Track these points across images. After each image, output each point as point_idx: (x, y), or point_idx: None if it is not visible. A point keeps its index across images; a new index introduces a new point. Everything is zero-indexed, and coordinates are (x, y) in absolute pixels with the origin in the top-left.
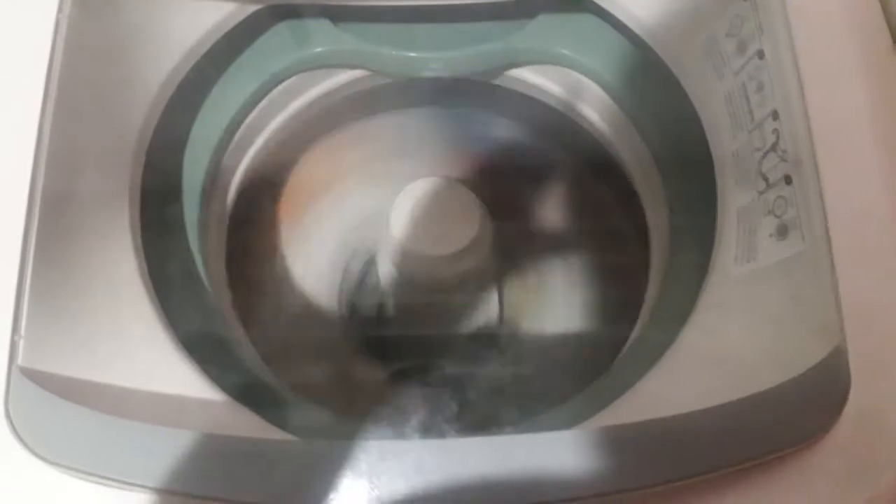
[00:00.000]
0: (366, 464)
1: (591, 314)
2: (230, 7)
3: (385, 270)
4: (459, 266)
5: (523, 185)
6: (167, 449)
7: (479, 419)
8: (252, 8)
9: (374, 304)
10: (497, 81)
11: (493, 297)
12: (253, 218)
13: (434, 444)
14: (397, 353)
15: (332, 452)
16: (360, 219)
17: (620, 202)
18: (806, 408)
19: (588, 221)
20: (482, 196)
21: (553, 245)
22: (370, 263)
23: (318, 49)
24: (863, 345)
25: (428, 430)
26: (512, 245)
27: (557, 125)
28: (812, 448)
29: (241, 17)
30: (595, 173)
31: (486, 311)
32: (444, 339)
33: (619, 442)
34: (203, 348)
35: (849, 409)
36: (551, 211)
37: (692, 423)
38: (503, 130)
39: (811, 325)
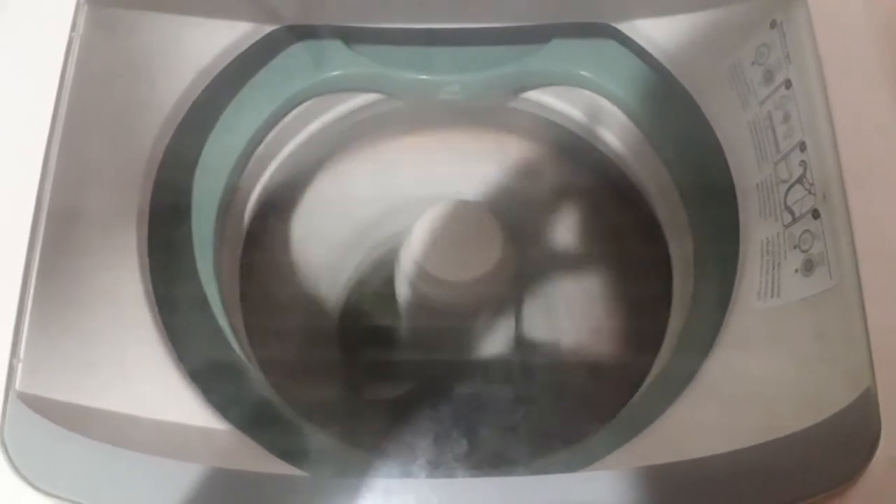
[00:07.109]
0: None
1: (611, 342)
2: (245, 28)
3: (403, 293)
4: (479, 291)
5: (541, 209)
6: (169, 482)
7: (490, 451)
8: (267, 29)
9: (389, 328)
10: (515, 104)
11: (511, 323)
12: (269, 238)
13: (442, 483)
14: (411, 379)
15: (339, 490)
16: (376, 241)
17: (641, 228)
18: (834, 454)
19: (608, 248)
20: (500, 220)
21: (572, 271)
22: (388, 286)
23: (334, 72)
24: (893, 388)
25: (437, 468)
26: (530, 270)
27: (576, 149)
28: (840, 496)
29: (255, 38)
30: (615, 198)
31: (503, 336)
32: (458, 364)
33: (641, 484)
34: (208, 373)
35: (879, 456)
36: (570, 236)
37: (716, 466)
38: (521, 154)
39: (839, 367)
